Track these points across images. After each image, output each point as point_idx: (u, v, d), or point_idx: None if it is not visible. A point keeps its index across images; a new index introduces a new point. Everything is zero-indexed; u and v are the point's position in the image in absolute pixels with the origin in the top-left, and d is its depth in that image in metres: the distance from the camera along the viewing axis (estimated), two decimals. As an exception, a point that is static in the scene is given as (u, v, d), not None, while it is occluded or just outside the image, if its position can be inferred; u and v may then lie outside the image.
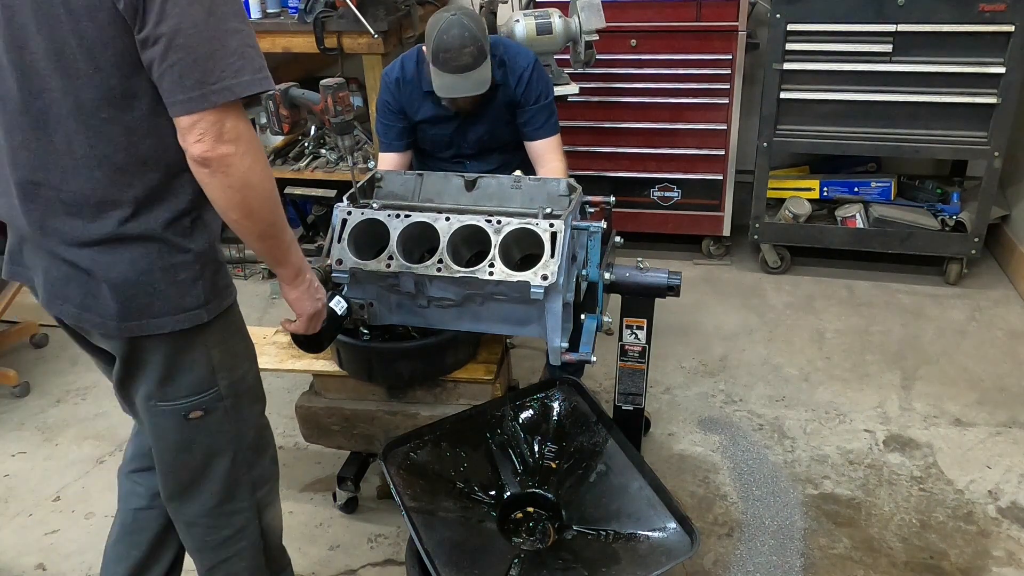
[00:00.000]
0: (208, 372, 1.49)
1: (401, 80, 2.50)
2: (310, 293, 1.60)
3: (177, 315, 1.41)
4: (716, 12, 3.32)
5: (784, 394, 2.88)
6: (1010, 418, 2.72)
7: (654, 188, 3.68)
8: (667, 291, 2.02)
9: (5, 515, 2.50)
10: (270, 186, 1.36)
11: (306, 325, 1.65)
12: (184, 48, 1.22)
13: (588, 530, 1.86)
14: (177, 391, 1.49)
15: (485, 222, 1.92)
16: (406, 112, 2.52)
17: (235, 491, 1.63)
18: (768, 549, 2.25)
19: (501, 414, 2.08)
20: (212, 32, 1.23)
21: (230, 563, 1.71)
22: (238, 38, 1.26)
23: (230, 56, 1.24)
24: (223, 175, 1.29)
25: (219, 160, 1.27)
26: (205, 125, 1.25)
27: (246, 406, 1.59)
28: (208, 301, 1.43)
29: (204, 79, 1.23)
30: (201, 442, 1.56)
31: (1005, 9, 3.01)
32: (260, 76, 1.28)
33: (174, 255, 1.38)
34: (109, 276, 1.37)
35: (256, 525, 1.70)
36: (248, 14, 3.40)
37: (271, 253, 1.46)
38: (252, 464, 1.64)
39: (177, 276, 1.39)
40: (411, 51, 2.55)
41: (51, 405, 3.01)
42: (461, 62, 2.24)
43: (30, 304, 3.34)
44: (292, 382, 2.93)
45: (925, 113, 3.26)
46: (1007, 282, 3.54)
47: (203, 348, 1.47)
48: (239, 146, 1.28)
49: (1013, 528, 2.29)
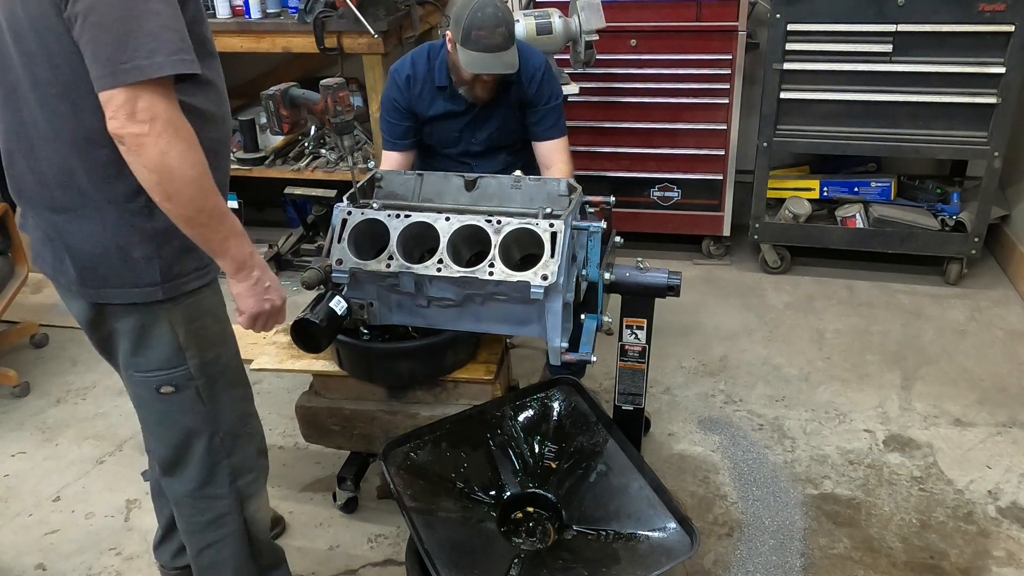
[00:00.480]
0: (174, 349, 1.54)
1: (412, 77, 2.50)
2: (255, 291, 1.53)
3: (132, 289, 1.46)
4: (716, 12, 3.32)
5: (784, 394, 2.88)
6: (1010, 418, 2.72)
7: (654, 188, 3.68)
8: (667, 291, 2.02)
9: (5, 515, 2.50)
10: (193, 173, 1.34)
11: (248, 323, 1.57)
12: (98, 26, 1.25)
13: (588, 530, 1.86)
14: (148, 363, 1.55)
15: (485, 222, 1.92)
16: (414, 110, 2.53)
17: (214, 475, 1.69)
18: (768, 549, 2.25)
19: (501, 414, 2.08)
20: (126, 11, 1.24)
21: (214, 549, 1.78)
22: (156, 20, 1.26)
23: (144, 37, 1.25)
24: (136, 155, 1.30)
25: (130, 139, 1.29)
26: (117, 103, 1.27)
27: (222, 390, 1.63)
28: (165, 280, 1.47)
29: (115, 57, 1.24)
30: (176, 419, 1.62)
31: (1005, 9, 3.01)
32: (175, 58, 1.28)
33: (130, 232, 1.43)
34: (70, 244, 1.45)
35: (238, 514, 1.75)
36: (248, 14, 3.41)
37: (203, 242, 1.43)
38: (231, 451, 1.69)
39: (132, 253, 1.44)
40: (420, 48, 2.55)
41: (51, 405, 3.01)
42: (494, 41, 2.28)
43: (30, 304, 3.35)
44: (292, 382, 2.93)
45: (925, 113, 3.26)
46: (1007, 282, 3.54)
47: (167, 325, 1.52)
48: (154, 127, 1.28)
49: (1013, 528, 2.29)
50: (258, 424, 1.79)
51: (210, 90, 1.50)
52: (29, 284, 3.10)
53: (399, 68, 2.53)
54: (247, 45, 3.42)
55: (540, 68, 2.51)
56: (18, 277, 3.05)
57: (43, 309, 3.53)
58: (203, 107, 1.48)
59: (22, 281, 3.05)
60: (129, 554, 2.33)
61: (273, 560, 1.94)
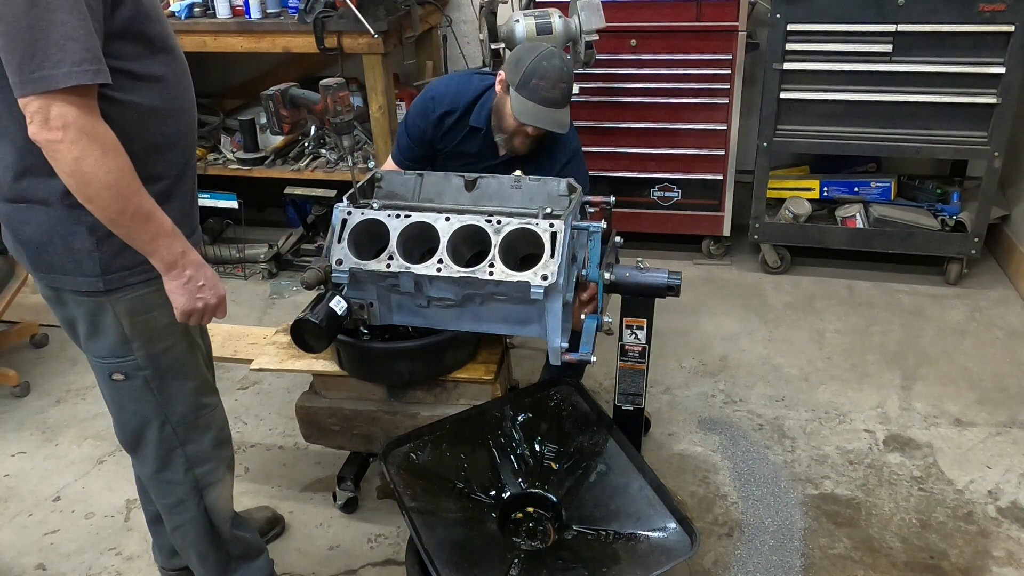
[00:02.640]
0: (120, 340, 1.61)
1: (447, 117, 2.36)
2: (187, 289, 1.56)
3: (77, 277, 1.53)
4: (716, 12, 3.32)
5: (784, 394, 2.88)
6: (1010, 418, 2.72)
7: (654, 188, 3.68)
8: (667, 291, 2.02)
9: (5, 515, 2.50)
10: (109, 178, 1.38)
11: (182, 319, 1.61)
12: (5, 35, 1.29)
13: (588, 530, 1.86)
14: (100, 349, 1.62)
15: (485, 222, 1.92)
16: (436, 145, 2.41)
17: (169, 462, 1.77)
18: (768, 549, 2.25)
19: (501, 414, 2.08)
20: (32, 21, 1.27)
21: (181, 531, 1.88)
22: (60, 30, 1.29)
23: (51, 47, 1.28)
24: (54, 160, 1.37)
25: (47, 145, 1.35)
26: (32, 109, 1.32)
27: (172, 381, 1.70)
28: (105, 273, 1.53)
29: (23, 66, 1.29)
30: (129, 406, 1.70)
31: (1005, 9, 3.01)
32: (79, 69, 1.31)
33: (72, 225, 1.49)
34: (18, 232, 1.54)
35: (196, 501, 1.83)
36: (248, 14, 3.41)
37: (131, 242, 1.49)
38: (185, 440, 1.76)
39: (73, 244, 1.50)
40: (468, 79, 2.41)
41: (51, 405, 3.01)
42: (552, 96, 2.15)
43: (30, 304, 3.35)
44: (292, 382, 2.93)
45: (925, 113, 3.26)
46: (1007, 282, 3.54)
47: (113, 316, 1.58)
48: (67, 134, 1.33)
49: (1013, 528, 2.29)
50: (217, 415, 1.84)
51: (159, 85, 1.53)
52: (29, 284, 3.09)
53: (440, 97, 2.37)
54: (247, 45, 3.42)
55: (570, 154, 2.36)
56: (18, 277, 3.05)
57: (43, 309, 3.50)
58: (151, 103, 1.51)
59: (22, 281, 3.05)
60: (129, 554, 2.33)
61: (243, 551, 1.99)
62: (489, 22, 3.11)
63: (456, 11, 3.92)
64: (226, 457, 1.89)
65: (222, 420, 1.86)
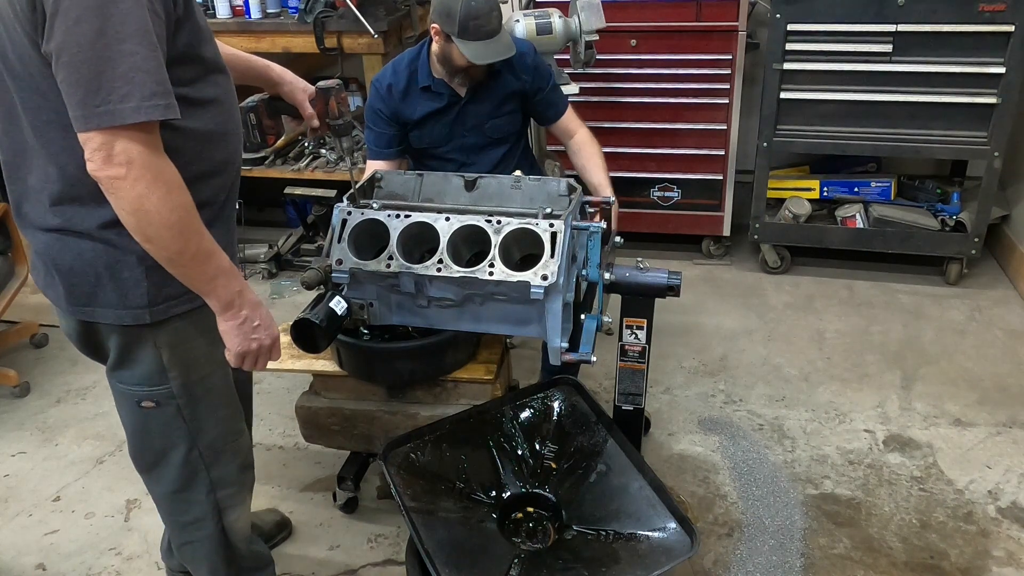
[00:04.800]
0: (157, 369, 1.53)
1: (393, 86, 2.49)
2: (242, 330, 1.49)
3: (120, 310, 1.46)
4: (716, 12, 3.32)
5: (784, 394, 2.88)
6: (1010, 418, 2.72)
7: (654, 188, 3.68)
8: (667, 291, 2.02)
9: (5, 515, 2.50)
10: (173, 217, 1.31)
11: (236, 362, 1.54)
12: (69, 66, 1.21)
13: (588, 530, 1.86)
14: (130, 378, 1.55)
15: (485, 222, 1.92)
16: (400, 116, 2.51)
17: (192, 484, 1.69)
18: (768, 549, 2.25)
19: (501, 414, 2.08)
20: (100, 53, 1.21)
21: (191, 548, 1.81)
22: (129, 61, 1.22)
23: (117, 80, 1.22)
24: (114, 197, 1.29)
25: (107, 182, 1.27)
26: (94, 145, 1.25)
27: (206, 409, 1.62)
28: (153, 303, 1.46)
29: (87, 100, 1.22)
30: (155, 431, 1.62)
31: (1005, 9, 3.01)
32: (148, 104, 1.24)
33: (118, 254, 1.42)
34: (57, 263, 1.45)
35: (215, 522, 1.76)
36: (248, 14, 3.41)
37: (187, 281, 1.41)
38: (212, 464, 1.68)
39: (120, 274, 1.43)
40: (399, 56, 2.54)
41: (51, 405, 3.01)
42: (491, 26, 2.28)
43: (30, 304, 3.35)
44: (292, 382, 2.93)
45: (925, 113, 3.25)
46: (1007, 282, 3.54)
47: (151, 346, 1.51)
48: (131, 171, 1.26)
49: (1013, 528, 2.29)
50: (245, 441, 1.79)
51: (214, 108, 1.47)
52: (29, 284, 3.10)
53: (380, 78, 2.52)
54: (247, 45, 3.41)
55: (529, 54, 2.51)
56: (18, 277, 3.05)
57: (43, 309, 3.52)
58: (206, 128, 1.45)
59: (22, 281, 3.05)
60: (129, 554, 2.33)
61: (254, 564, 1.94)
62: (489, 22, 3.11)
63: (456, 11, 3.91)
64: (249, 480, 1.83)
65: (248, 446, 1.81)
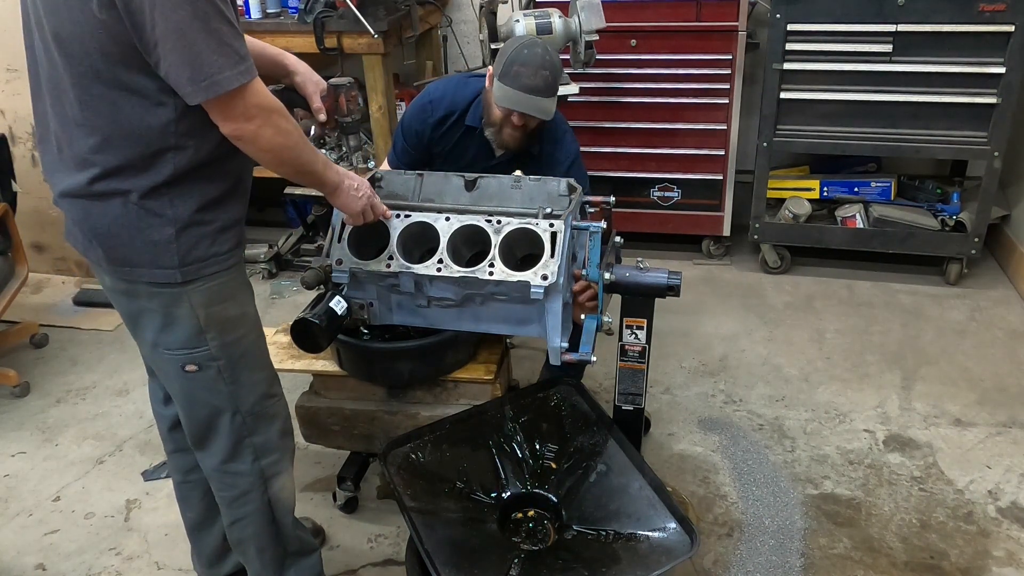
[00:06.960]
0: (195, 330, 1.63)
1: (447, 119, 2.37)
2: (352, 196, 1.80)
3: (153, 269, 1.56)
4: (716, 12, 3.32)
5: (784, 394, 2.88)
6: (1010, 418, 2.72)
7: (654, 188, 3.68)
8: (667, 291, 2.02)
9: (5, 515, 2.50)
10: (296, 139, 1.54)
11: (357, 221, 1.87)
12: (175, 51, 1.36)
13: (588, 530, 1.86)
14: (174, 342, 1.65)
15: (485, 222, 1.92)
16: (432, 147, 2.41)
17: (238, 452, 1.78)
18: (768, 549, 2.25)
19: (501, 414, 2.08)
20: (196, 34, 1.36)
21: (240, 525, 1.88)
22: (217, 36, 1.38)
23: (212, 55, 1.37)
24: (253, 145, 1.48)
25: (246, 137, 1.46)
26: (218, 112, 1.43)
27: (243, 371, 1.72)
28: (183, 264, 1.56)
29: (194, 76, 1.38)
30: (201, 398, 1.72)
31: (1005, 9, 3.01)
32: (238, 70, 1.41)
33: (148, 218, 1.52)
34: (97, 228, 1.54)
35: (261, 492, 1.84)
36: (248, 14, 3.41)
37: (310, 183, 1.69)
38: (254, 430, 1.77)
39: (151, 236, 1.53)
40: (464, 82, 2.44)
41: (51, 405, 3.01)
42: (534, 82, 2.14)
43: (30, 304, 3.35)
44: (292, 382, 2.91)
45: (925, 113, 3.26)
46: (1007, 282, 3.54)
47: (188, 307, 1.61)
48: (258, 121, 1.45)
49: (1013, 528, 2.29)
50: (281, 405, 1.85)
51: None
52: (29, 284, 3.10)
53: (438, 101, 2.38)
54: (247, 45, 3.42)
55: (571, 158, 2.36)
56: (18, 277, 3.05)
57: (43, 309, 3.53)
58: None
59: (22, 281, 3.05)
60: (129, 554, 2.33)
61: (299, 547, 1.99)
62: (489, 22, 3.11)
63: (456, 11, 3.92)
64: (290, 447, 1.89)
65: (286, 410, 1.87)
